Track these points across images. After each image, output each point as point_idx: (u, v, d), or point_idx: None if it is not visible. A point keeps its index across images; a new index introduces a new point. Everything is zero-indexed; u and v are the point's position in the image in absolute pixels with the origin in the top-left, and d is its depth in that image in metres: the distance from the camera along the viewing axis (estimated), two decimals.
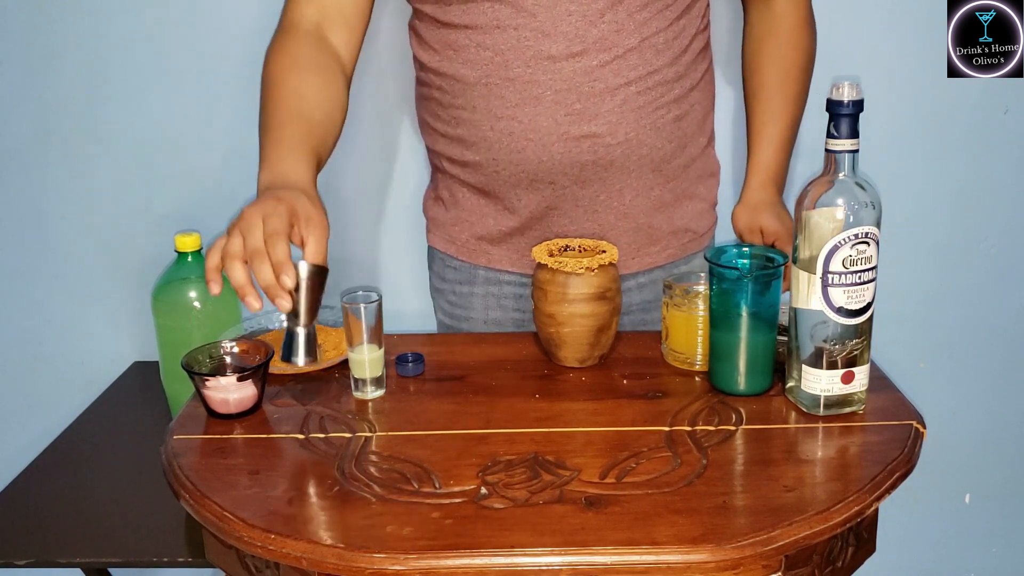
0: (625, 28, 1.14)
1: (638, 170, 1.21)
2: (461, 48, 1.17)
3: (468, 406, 1.06)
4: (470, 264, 1.32)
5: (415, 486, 0.90)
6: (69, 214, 1.52)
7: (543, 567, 0.81)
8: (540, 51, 1.13)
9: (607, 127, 1.16)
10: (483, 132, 1.19)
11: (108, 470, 1.29)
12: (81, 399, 1.49)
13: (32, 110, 1.47)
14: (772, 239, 1.26)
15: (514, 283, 1.31)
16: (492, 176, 1.22)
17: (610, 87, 1.15)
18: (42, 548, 1.11)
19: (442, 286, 1.37)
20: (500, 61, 1.15)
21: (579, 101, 1.15)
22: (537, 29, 1.12)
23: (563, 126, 1.16)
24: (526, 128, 1.16)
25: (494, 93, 1.16)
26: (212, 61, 1.45)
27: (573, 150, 1.17)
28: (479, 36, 1.15)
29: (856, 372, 1.00)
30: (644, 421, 1.01)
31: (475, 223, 1.29)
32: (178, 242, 1.34)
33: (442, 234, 1.34)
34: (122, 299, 1.55)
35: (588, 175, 1.19)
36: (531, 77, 1.14)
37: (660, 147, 1.21)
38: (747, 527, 0.83)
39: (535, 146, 1.17)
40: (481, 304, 1.33)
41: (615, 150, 1.18)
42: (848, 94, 0.95)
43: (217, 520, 0.86)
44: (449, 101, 1.21)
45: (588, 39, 1.13)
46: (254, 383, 1.04)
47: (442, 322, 1.39)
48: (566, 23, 1.12)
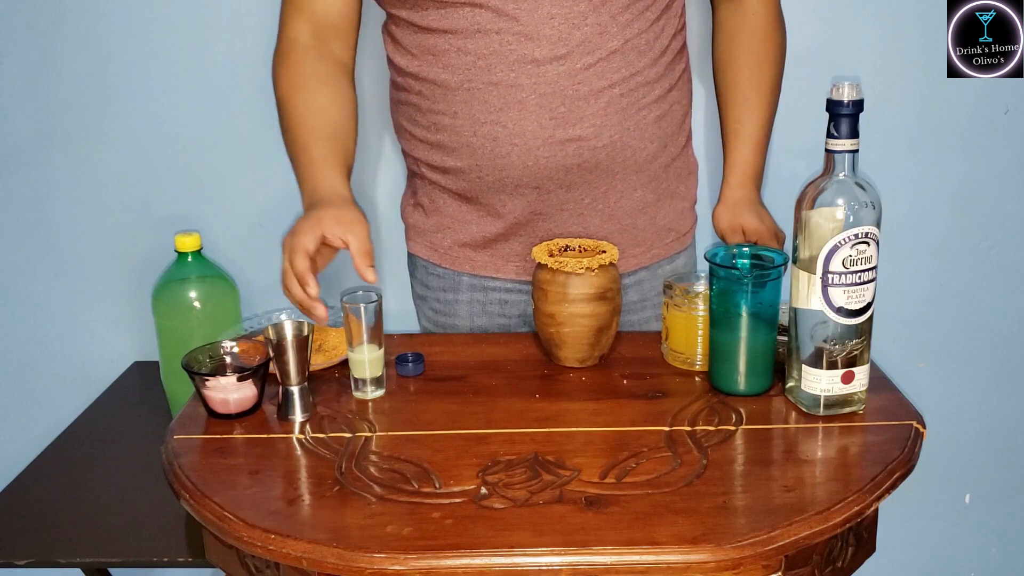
0: (608, 30, 1.13)
1: (622, 171, 1.20)
2: (441, 53, 1.15)
3: (468, 406, 1.06)
4: (454, 271, 1.30)
5: (415, 486, 0.90)
6: (69, 214, 1.52)
7: (543, 567, 0.81)
8: (523, 55, 1.12)
9: (592, 130, 1.16)
10: (465, 138, 1.17)
11: (108, 470, 1.29)
12: (81, 399, 1.49)
13: (33, 110, 1.47)
14: (754, 238, 1.27)
15: (499, 289, 1.30)
16: (475, 182, 1.21)
17: (594, 89, 1.14)
18: (42, 548, 1.11)
19: (425, 293, 1.35)
20: (483, 65, 1.13)
21: (563, 104, 1.14)
22: (520, 33, 1.11)
23: (548, 130, 1.15)
24: (511, 133, 1.15)
25: (476, 98, 1.15)
26: (212, 61, 1.45)
27: (559, 154, 1.16)
28: (459, 40, 1.13)
29: (856, 372, 1.00)
30: (644, 421, 1.01)
31: (458, 230, 1.28)
32: (178, 242, 1.34)
33: (423, 241, 1.32)
34: (122, 299, 1.55)
35: (573, 178, 1.19)
36: (514, 81, 1.13)
37: (643, 148, 1.20)
38: (747, 527, 0.83)
39: (520, 151, 1.16)
40: (466, 311, 1.32)
41: (600, 152, 1.17)
42: (848, 94, 0.95)
43: (217, 520, 0.86)
44: (428, 106, 1.19)
45: (572, 42, 1.12)
46: (254, 383, 1.04)
47: (426, 328, 1.38)
48: (549, 26, 1.11)
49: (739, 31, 1.28)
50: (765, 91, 1.28)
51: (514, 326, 1.32)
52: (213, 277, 1.36)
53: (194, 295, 1.34)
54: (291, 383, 1.03)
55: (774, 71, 1.29)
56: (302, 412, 1.04)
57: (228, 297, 1.38)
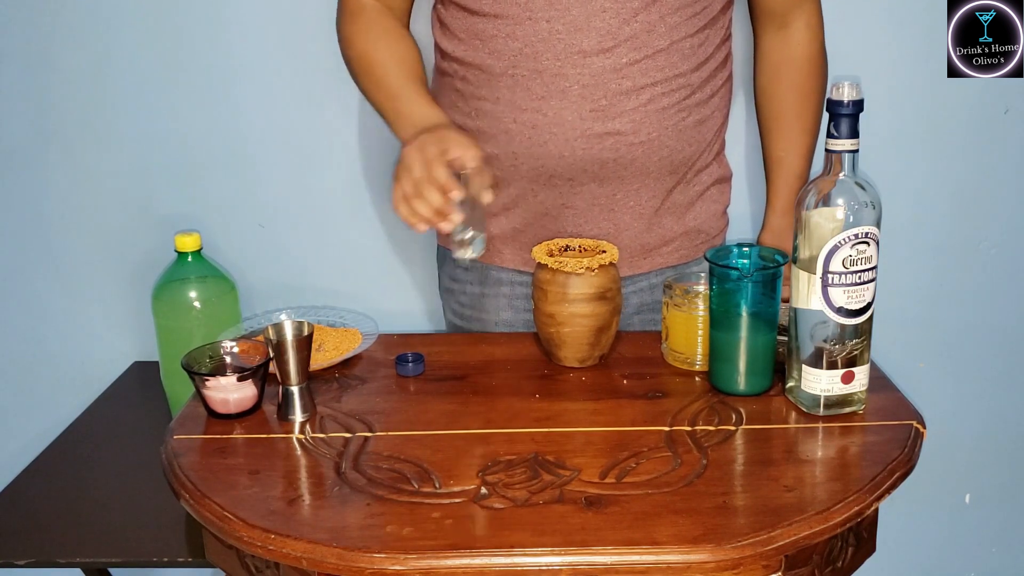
0: (656, 30, 1.14)
1: (657, 171, 1.21)
2: (489, 38, 1.16)
3: (468, 406, 1.06)
4: (482, 264, 1.31)
5: (415, 486, 0.90)
6: (69, 214, 1.52)
7: (543, 567, 0.81)
8: (571, 45, 1.13)
9: (631, 125, 1.16)
10: (505, 124, 1.18)
11: (108, 470, 1.29)
12: (81, 399, 1.49)
13: (32, 110, 1.47)
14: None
15: (526, 284, 1.30)
16: (510, 171, 1.21)
17: (637, 86, 1.15)
18: (42, 548, 1.11)
19: (453, 287, 1.36)
20: (529, 52, 1.14)
21: (605, 97, 1.15)
22: (570, 23, 1.13)
23: (587, 122, 1.16)
24: (550, 121, 1.16)
25: (520, 85, 1.16)
26: (212, 60, 1.45)
27: (595, 147, 1.17)
28: (509, 27, 1.15)
29: (856, 372, 1.00)
30: (644, 421, 1.01)
31: (489, 222, 1.27)
32: (178, 242, 1.34)
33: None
34: (122, 299, 1.55)
35: (607, 173, 1.19)
36: (559, 70, 1.14)
37: (680, 149, 1.21)
38: (747, 527, 0.83)
39: (557, 140, 1.17)
40: (493, 305, 1.32)
41: (636, 149, 1.18)
42: (848, 94, 0.95)
43: (217, 520, 0.86)
44: (472, 92, 1.21)
45: (620, 36, 1.13)
46: (254, 383, 1.04)
47: (452, 323, 1.38)
48: (600, 19, 1.13)
49: (784, 63, 1.27)
50: (808, 123, 1.29)
51: None
52: (213, 277, 1.36)
53: (194, 295, 1.34)
54: (291, 383, 1.03)
55: (817, 102, 1.28)
56: (302, 412, 1.04)
57: (228, 297, 1.38)
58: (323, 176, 1.50)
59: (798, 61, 1.27)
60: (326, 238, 1.53)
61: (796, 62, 1.27)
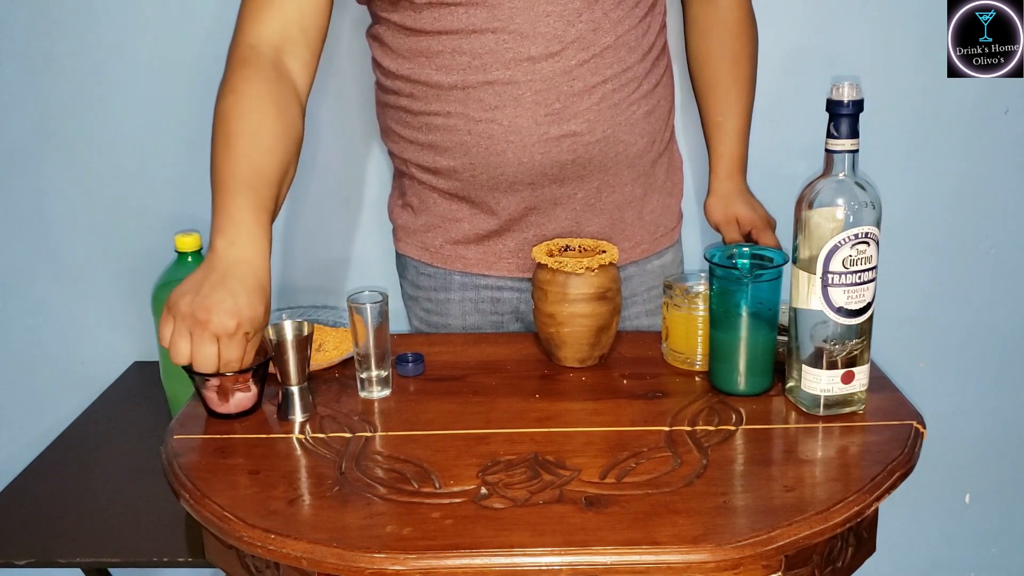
0: (602, 27, 1.14)
1: (614, 166, 1.21)
2: (435, 54, 1.15)
3: (468, 406, 1.06)
4: (445, 270, 1.30)
5: (415, 486, 0.90)
6: (69, 214, 1.52)
7: (543, 567, 0.81)
8: (519, 53, 1.12)
9: (586, 125, 1.16)
10: (460, 137, 1.17)
11: (108, 470, 1.29)
12: (81, 399, 1.49)
13: (32, 110, 1.47)
14: (749, 227, 1.30)
15: (491, 286, 1.30)
16: (469, 181, 1.20)
17: (588, 85, 1.15)
18: (42, 548, 1.11)
19: (416, 293, 1.35)
20: (478, 65, 1.13)
21: (558, 100, 1.14)
22: (516, 31, 1.12)
23: (543, 126, 1.15)
24: (506, 130, 1.15)
25: (472, 97, 1.15)
26: (212, 60, 1.45)
27: (553, 150, 1.16)
28: (455, 41, 1.13)
29: (856, 372, 1.00)
30: (644, 421, 1.01)
31: (449, 228, 1.27)
32: (178, 242, 1.34)
33: (414, 241, 1.31)
34: (122, 299, 1.55)
35: (567, 174, 1.19)
36: (511, 79, 1.13)
37: (634, 143, 1.21)
38: (747, 527, 0.83)
39: (515, 147, 1.16)
40: (458, 310, 1.31)
41: (593, 148, 1.18)
42: (848, 94, 0.95)
43: (217, 520, 0.86)
44: (420, 107, 1.19)
45: (567, 39, 1.13)
46: (254, 383, 1.04)
47: (418, 329, 1.37)
48: (544, 24, 1.12)
49: (713, 27, 1.30)
50: (744, 84, 1.31)
51: (507, 323, 1.32)
52: None
53: None
54: (291, 383, 1.03)
55: (750, 63, 1.31)
56: (302, 412, 1.04)
57: None
58: (323, 176, 1.50)
59: (728, 24, 1.29)
60: (326, 238, 1.54)
61: (727, 25, 1.29)
